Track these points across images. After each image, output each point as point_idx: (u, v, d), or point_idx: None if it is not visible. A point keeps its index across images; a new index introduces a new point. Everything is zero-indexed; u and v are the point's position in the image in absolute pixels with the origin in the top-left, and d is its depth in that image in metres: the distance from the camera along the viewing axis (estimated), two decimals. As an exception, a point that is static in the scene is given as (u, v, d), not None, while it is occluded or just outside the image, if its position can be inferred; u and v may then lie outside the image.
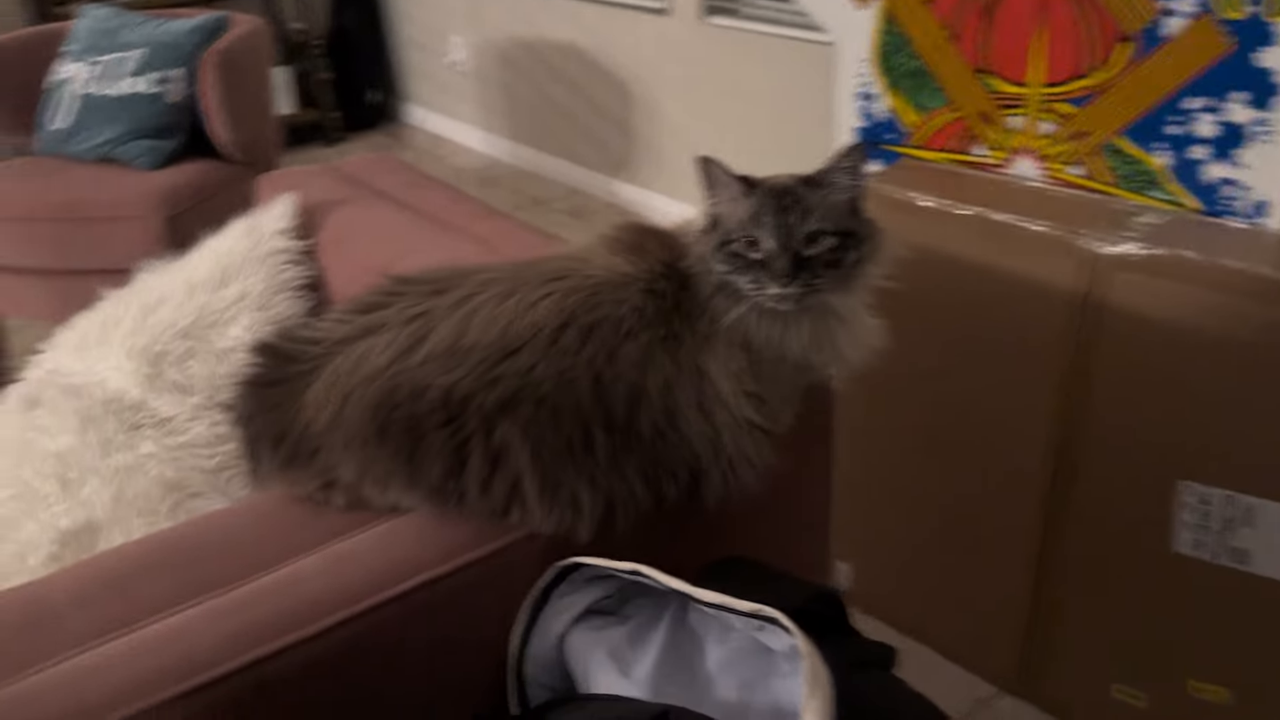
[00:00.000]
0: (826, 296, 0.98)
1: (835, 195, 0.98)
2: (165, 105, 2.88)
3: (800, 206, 0.96)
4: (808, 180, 0.99)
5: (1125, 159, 1.60)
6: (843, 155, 0.98)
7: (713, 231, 0.99)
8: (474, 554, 0.89)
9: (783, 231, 0.95)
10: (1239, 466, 1.44)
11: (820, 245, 0.96)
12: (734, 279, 0.96)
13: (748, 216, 0.96)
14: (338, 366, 0.93)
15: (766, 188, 0.97)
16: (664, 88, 3.60)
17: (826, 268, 0.97)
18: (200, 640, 0.78)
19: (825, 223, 0.96)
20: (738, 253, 0.96)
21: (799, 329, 0.98)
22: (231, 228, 1.55)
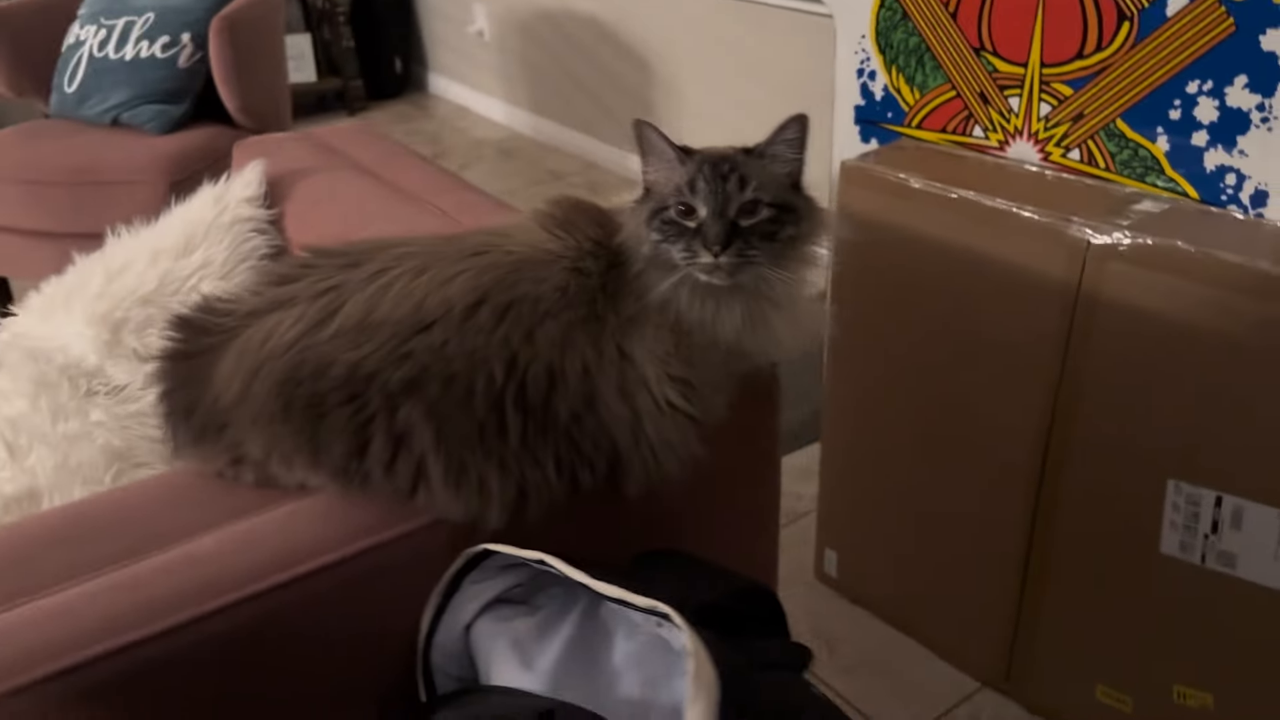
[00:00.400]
0: (761, 272, 0.93)
1: (775, 167, 0.95)
2: (175, 70, 2.87)
3: (738, 174, 0.92)
4: (748, 150, 0.95)
5: (1124, 143, 1.54)
6: (784, 127, 0.94)
7: (647, 200, 0.95)
8: (378, 538, 0.86)
9: (719, 198, 0.91)
10: (1229, 467, 1.38)
11: (757, 216, 0.93)
12: (667, 247, 0.93)
13: (684, 182, 0.93)
14: (247, 340, 0.91)
15: (704, 155, 0.94)
16: (683, 63, 3.54)
17: (762, 240, 0.93)
18: (85, 618, 0.76)
19: (763, 193, 0.92)
20: (672, 220, 0.93)
21: (731, 311, 0.94)
22: (200, 194, 1.53)
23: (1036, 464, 1.58)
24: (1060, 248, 1.45)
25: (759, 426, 1.07)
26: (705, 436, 0.95)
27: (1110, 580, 1.56)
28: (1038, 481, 1.59)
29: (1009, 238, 1.51)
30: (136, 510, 0.89)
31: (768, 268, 0.94)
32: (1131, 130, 1.52)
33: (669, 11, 3.52)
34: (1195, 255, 1.34)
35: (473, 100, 4.75)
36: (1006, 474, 1.63)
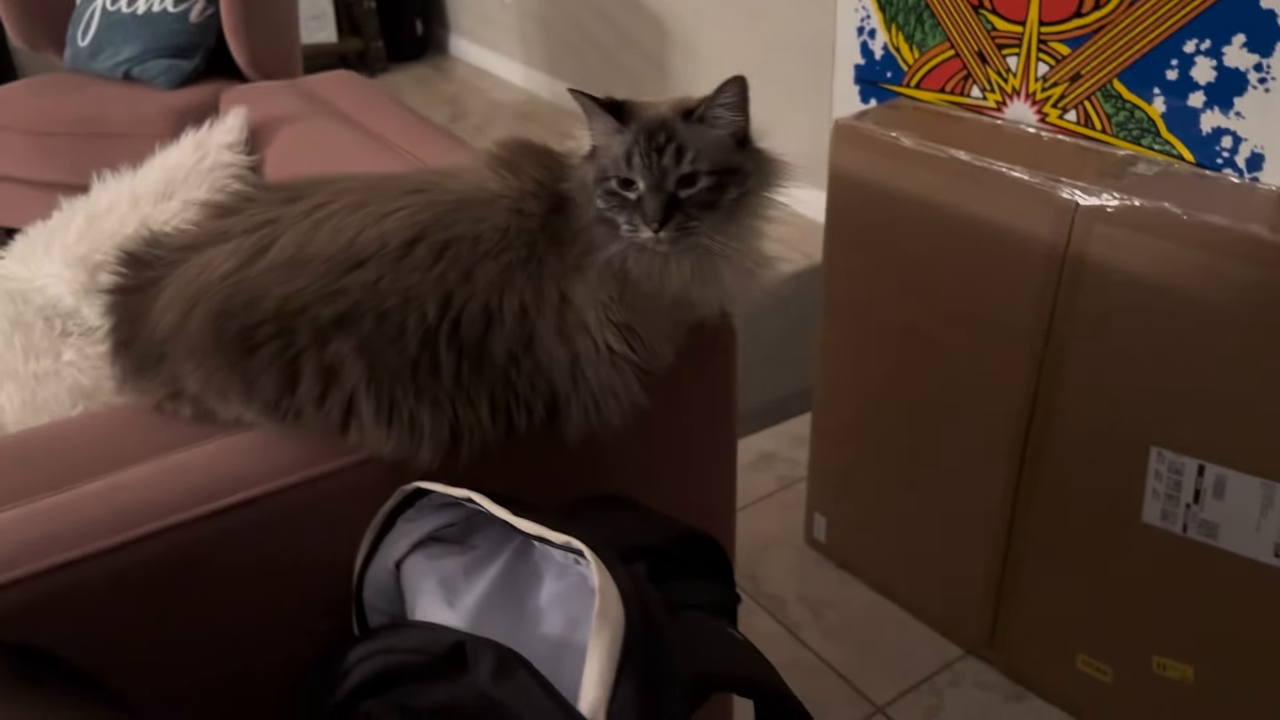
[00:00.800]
0: (701, 240, 0.92)
1: (716, 131, 0.91)
2: (186, 24, 2.87)
3: (674, 145, 0.89)
4: (686, 114, 0.91)
5: (1121, 105, 1.50)
6: (723, 89, 0.90)
7: (594, 160, 0.93)
8: (306, 473, 0.85)
9: (655, 173, 0.89)
10: (1212, 436, 1.35)
11: (696, 186, 0.90)
12: (612, 216, 0.91)
13: (621, 154, 0.90)
14: (184, 272, 0.90)
15: (641, 123, 0.91)
16: (699, 25, 3.51)
17: (702, 209, 0.91)
18: (1, 543, 0.76)
19: (701, 163, 0.89)
20: (614, 190, 0.91)
21: (680, 266, 0.92)
22: (182, 141, 1.53)
23: (1020, 430, 1.55)
24: (1048, 209, 1.42)
25: (714, 376, 1.06)
26: (651, 384, 0.93)
27: (1092, 549, 1.53)
28: (1021, 448, 1.57)
29: (997, 199, 1.48)
30: (72, 441, 0.89)
31: (709, 236, 0.92)
32: (1128, 91, 1.48)
33: (686, -27, 3.48)
34: (1184, 219, 1.30)
35: (492, 63, 4.72)
36: (990, 440, 1.60)
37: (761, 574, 1.97)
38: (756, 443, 2.33)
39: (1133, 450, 1.43)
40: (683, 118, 0.91)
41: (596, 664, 0.68)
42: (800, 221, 3.26)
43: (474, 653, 0.72)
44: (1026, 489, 1.58)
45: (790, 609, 1.89)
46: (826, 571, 1.97)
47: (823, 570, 1.98)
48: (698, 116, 0.91)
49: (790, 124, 3.21)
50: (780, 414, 2.42)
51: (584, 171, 0.93)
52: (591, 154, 0.94)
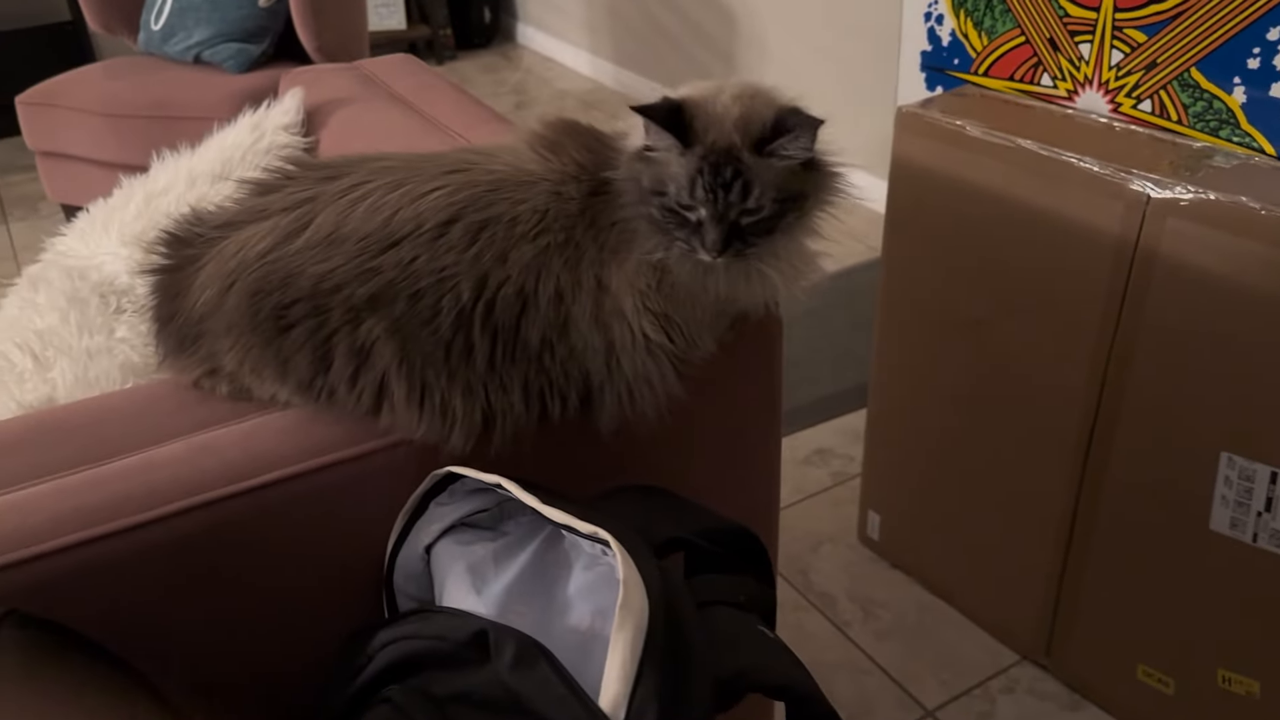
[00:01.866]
0: (757, 259, 0.90)
1: (783, 163, 0.87)
2: (255, 9, 2.91)
3: (742, 180, 0.85)
4: (757, 144, 0.86)
5: (1199, 94, 1.43)
6: (797, 134, 0.86)
7: (649, 166, 0.88)
8: (339, 454, 0.85)
9: (719, 205, 0.85)
10: (1288, 443, 1.29)
11: (759, 215, 0.87)
12: (667, 227, 0.88)
13: (685, 180, 0.86)
14: (223, 250, 0.90)
15: (706, 148, 0.86)
16: (767, 14, 3.46)
17: (761, 234, 0.88)
18: (34, 516, 0.76)
19: (765, 197, 0.86)
20: (672, 209, 0.87)
21: (726, 271, 0.89)
22: (240, 121, 1.54)
23: (1084, 429, 1.50)
24: (1119, 202, 1.37)
25: (758, 368, 1.03)
26: (690, 375, 0.91)
27: (1156, 556, 1.48)
28: (1085, 448, 1.51)
29: (1066, 190, 1.43)
30: (110, 416, 0.89)
31: (761, 257, 0.90)
32: (1206, 80, 1.41)
33: (754, -40, 3.44)
34: (1261, 214, 1.24)
35: (559, 51, 4.72)
36: (1052, 439, 1.55)
37: (813, 571, 1.94)
38: (812, 437, 2.30)
39: (1202, 455, 1.37)
40: (752, 149, 0.86)
41: (618, 658, 0.66)
42: (866, 213, 3.21)
43: (496, 642, 0.71)
44: (1089, 492, 1.53)
45: (841, 607, 1.85)
46: (880, 570, 1.93)
47: (876, 569, 1.94)
48: (768, 151, 0.86)
49: (856, 113, 3.17)
50: (838, 409, 2.38)
51: (636, 169, 0.89)
52: (644, 154, 0.89)
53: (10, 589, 0.74)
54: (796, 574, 1.93)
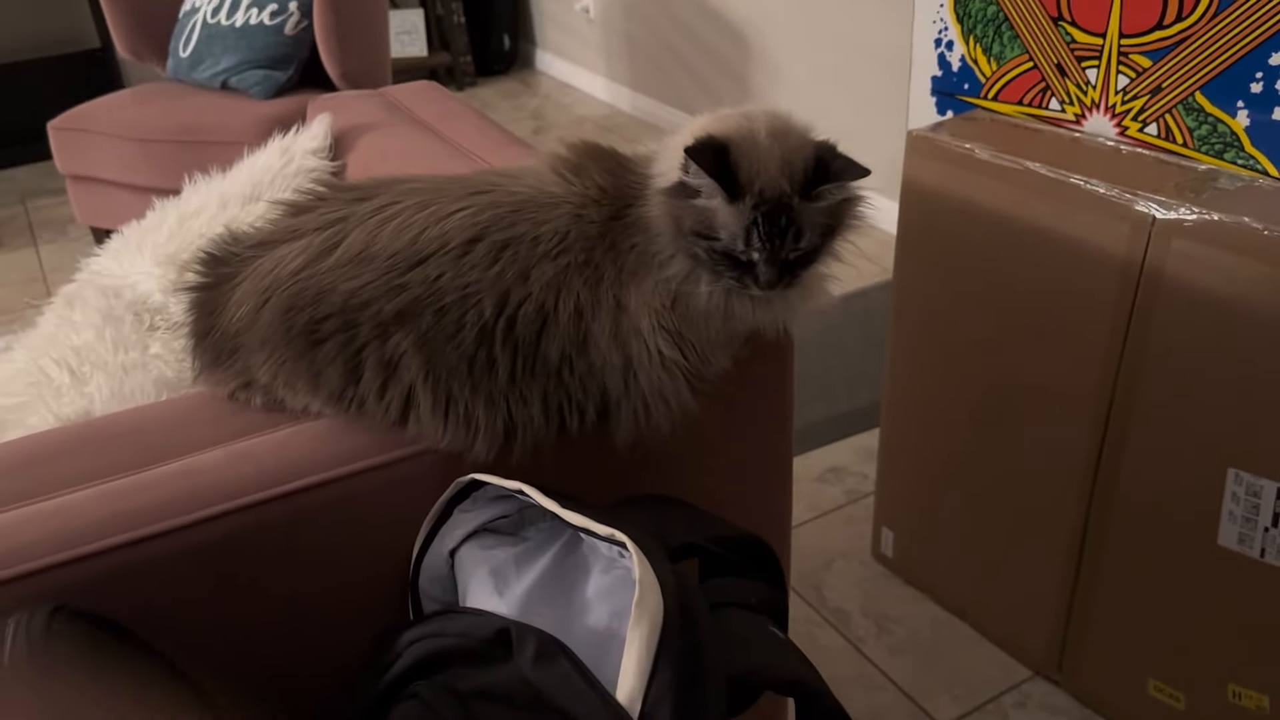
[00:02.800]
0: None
1: (828, 203, 0.91)
2: (281, 36, 2.98)
3: (795, 227, 0.89)
4: (805, 189, 0.90)
5: (1203, 118, 1.46)
6: (845, 180, 0.91)
7: (687, 202, 0.90)
8: (369, 461, 0.89)
9: (775, 248, 0.89)
10: (1293, 460, 1.31)
11: (804, 249, 0.91)
12: (714, 266, 0.91)
13: (740, 230, 0.88)
14: (258, 268, 0.94)
15: (756, 197, 0.88)
16: (779, 39, 3.51)
17: (805, 265, 0.92)
18: (79, 519, 0.80)
19: (814, 234, 0.91)
20: (723, 251, 0.90)
21: (754, 300, 0.94)
22: (270, 145, 1.59)
23: (1094, 445, 1.52)
24: (1124, 223, 1.40)
25: (770, 385, 1.06)
26: (704, 391, 0.94)
27: (1165, 571, 1.50)
28: (1094, 465, 1.54)
29: (1073, 212, 1.46)
30: (151, 426, 0.93)
31: (803, 281, 0.94)
32: (1211, 104, 1.45)
33: (769, -13, 3.49)
34: (1264, 234, 1.27)
35: (576, 77, 4.79)
36: (1062, 456, 1.58)
37: (827, 587, 1.96)
38: (827, 455, 2.32)
39: (1209, 471, 1.39)
40: (801, 195, 0.90)
41: (634, 654, 0.69)
42: (880, 235, 3.23)
43: (518, 638, 0.74)
44: (1099, 508, 1.55)
45: (855, 623, 1.88)
46: (893, 587, 1.96)
47: (889, 585, 1.96)
48: (815, 195, 0.90)
49: (868, 136, 3.21)
50: (853, 427, 2.40)
51: (674, 209, 0.91)
52: (683, 192, 0.91)
53: (57, 587, 0.78)
54: (811, 590, 1.95)
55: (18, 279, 3.32)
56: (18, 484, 0.86)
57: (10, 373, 1.37)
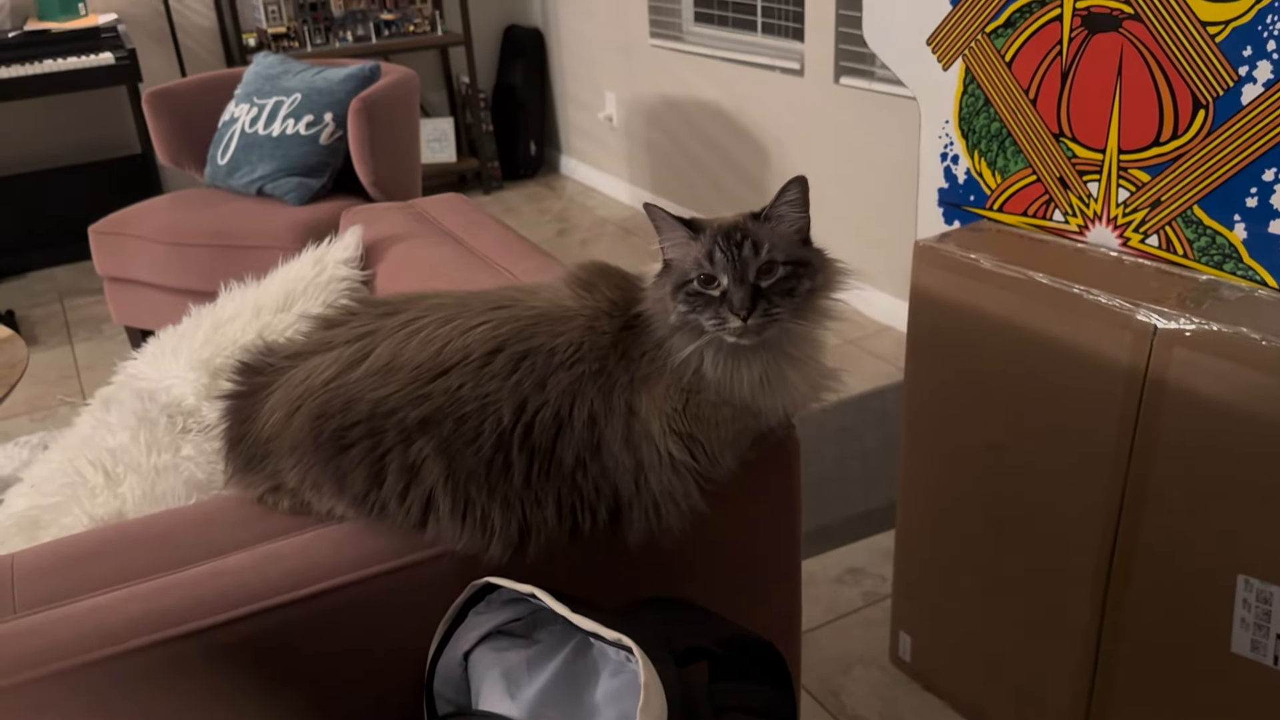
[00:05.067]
0: (785, 326, 0.98)
1: (783, 227, 0.99)
2: (317, 146, 3.10)
3: (750, 240, 0.96)
4: (755, 216, 0.99)
5: (1202, 230, 1.51)
6: (785, 189, 0.99)
7: (668, 274, 1.00)
8: (387, 565, 0.92)
9: (738, 266, 0.96)
10: (1301, 566, 1.32)
11: (774, 275, 0.97)
12: (695, 317, 0.97)
13: (702, 255, 0.97)
14: (291, 378, 1.00)
15: (715, 227, 0.99)
16: (797, 147, 3.62)
17: (783, 296, 0.97)
18: (112, 618, 0.84)
19: (776, 253, 0.97)
20: (696, 291, 0.97)
21: (751, 369, 0.97)
22: (304, 255, 1.67)
23: (1105, 551, 1.54)
24: (1126, 332, 1.43)
25: (777, 485, 1.10)
26: (714, 493, 0.98)
27: (1180, 677, 1.49)
28: (1106, 570, 1.55)
29: (1077, 321, 1.50)
30: (181, 528, 0.98)
31: (791, 321, 0.98)
32: (1209, 217, 1.50)
33: (784, 99, 3.61)
34: (1262, 344, 1.30)
35: (599, 180, 4.93)
36: (1074, 561, 1.59)
37: (845, 693, 1.96)
38: (845, 556, 2.33)
39: (1220, 577, 1.40)
40: (752, 218, 0.99)
41: (640, 757, 0.71)
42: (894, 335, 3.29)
43: (527, 742, 0.76)
44: (1113, 614, 1.56)
45: (872, 730, 1.87)
46: (911, 693, 1.95)
47: (908, 691, 1.95)
48: (765, 216, 0.99)
49: (881, 240, 3.28)
50: (870, 528, 2.41)
51: (659, 287, 1.00)
52: (665, 269, 1.01)
53: (92, 685, 0.81)
54: (829, 695, 1.95)
55: (53, 376, 3.41)
56: (55, 584, 0.90)
57: (47, 472, 1.42)
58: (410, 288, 1.52)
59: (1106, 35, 1.54)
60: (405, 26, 4.71)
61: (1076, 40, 1.59)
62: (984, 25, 1.71)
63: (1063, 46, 1.61)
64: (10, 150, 4.33)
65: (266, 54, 3.29)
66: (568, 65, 4.97)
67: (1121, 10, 1.51)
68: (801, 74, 3.49)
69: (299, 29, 4.53)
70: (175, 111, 3.27)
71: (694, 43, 4.05)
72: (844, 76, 3.32)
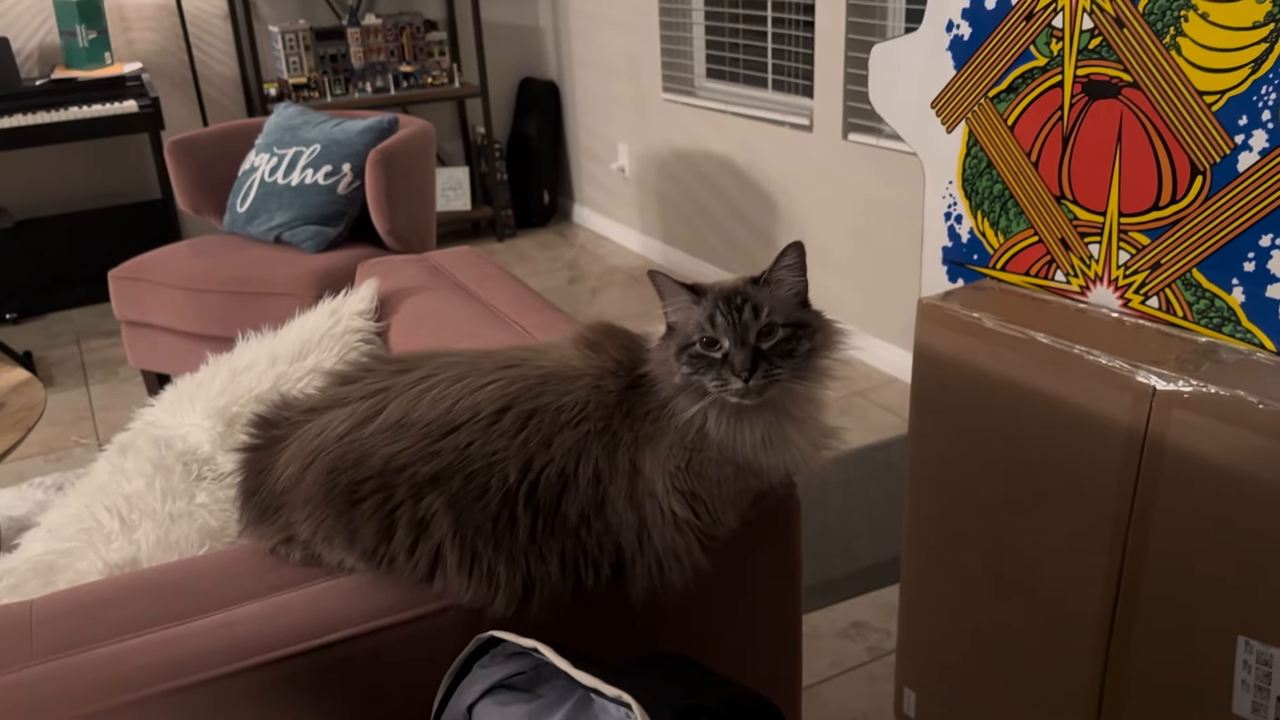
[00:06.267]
0: (786, 386, 1.00)
1: (781, 290, 1.02)
2: (334, 195, 3.16)
3: (750, 304, 0.99)
4: (754, 280, 1.03)
5: (1201, 293, 1.54)
6: (783, 254, 1.02)
7: (672, 337, 1.03)
8: (395, 617, 0.95)
9: (739, 329, 0.99)
10: (1301, 628, 1.33)
11: (774, 337, 1.00)
12: (698, 379, 1.00)
13: (704, 319, 1.00)
14: (306, 432, 1.03)
15: (716, 292, 1.02)
16: (805, 201, 3.67)
17: (783, 357, 1.00)
18: (126, 666, 0.86)
19: (775, 315, 1.00)
20: (699, 354, 1.00)
21: (753, 429, 1.00)
22: (320, 307, 1.71)
23: (1107, 609, 1.54)
24: (1126, 393, 1.45)
25: (778, 543, 1.12)
26: (715, 550, 1.00)
27: (1182, 741, 1.49)
28: (1107, 629, 1.55)
29: (1077, 381, 1.52)
30: (194, 578, 1.00)
31: (791, 381, 1.01)
32: (1207, 281, 1.52)
33: (793, 153, 3.67)
34: (1258, 407, 1.32)
35: (611, 230, 4.99)
36: (1076, 619, 1.59)
37: (848, 747, 1.96)
38: (850, 610, 2.33)
39: (1220, 639, 1.41)
40: (752, 283, 1.03)
41: (638, 813, 0.73)
42: (900, 387, 3.30)
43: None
44: (1115, 674, 1.56)
45: (875, 786, 1.86)
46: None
47: (911, 747, 1.95)
48: (765, 280, 1.02)
49: (888, 293, 3.32)
50: (875, 582, 2.42)
51: (663, 349, 1.04)
52: (668, 333, 1.04)
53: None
54: (832, 750, 1.95)
55: (69, 417, 3.45)
56: (72, 630, 0.92)
57: (64, 518, 1.45)
58: (423, 339, 1.56)
59: (1106, 102, 1.58)
60: (423, 79, 4.80)
61: (1077, 106, 1.62)
62: (987, 90, 1.75)
63: (1064, 112, 1.65)
64: (33, 194, 4.41)
65: (287, 105, 3.36)
66: (581, 118, 5.06)
67: (1120, 79, 1.55)
68: (810, 129, 3.54)
69: (319, 79, 4.62)
70: (196, 159, 3.34)
71: (706, 97, 4.12)
72: (852, 133, 3.37)
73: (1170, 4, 1.46)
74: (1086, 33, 1.58)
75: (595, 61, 4.80)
